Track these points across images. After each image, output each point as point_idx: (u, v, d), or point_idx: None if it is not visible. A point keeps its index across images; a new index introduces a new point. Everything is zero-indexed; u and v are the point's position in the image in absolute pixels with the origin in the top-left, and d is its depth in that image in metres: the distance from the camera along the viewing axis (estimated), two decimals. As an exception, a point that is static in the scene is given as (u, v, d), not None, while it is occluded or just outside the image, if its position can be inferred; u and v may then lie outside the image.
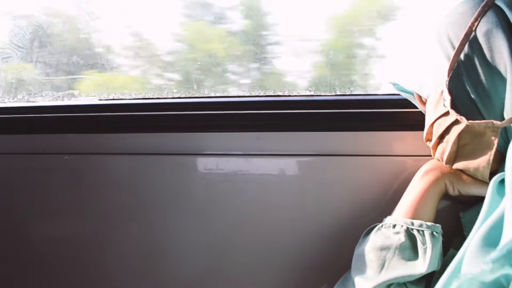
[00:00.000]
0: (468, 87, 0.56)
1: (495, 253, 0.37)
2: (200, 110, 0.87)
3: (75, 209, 0.93)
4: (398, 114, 0.79)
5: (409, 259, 0.60)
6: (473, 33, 0.55)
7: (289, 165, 0.84)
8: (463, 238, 0.57)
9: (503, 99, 0.53)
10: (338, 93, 0.89)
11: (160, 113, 0.88)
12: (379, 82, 0.95)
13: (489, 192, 0.49)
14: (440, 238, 0.61)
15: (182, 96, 0.96)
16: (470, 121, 0.55)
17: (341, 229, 0.82)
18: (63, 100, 1.00)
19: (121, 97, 0.98)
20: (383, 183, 0.79)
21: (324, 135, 0.82)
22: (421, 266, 0.59)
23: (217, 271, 0.90)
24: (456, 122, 0.57)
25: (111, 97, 0.98)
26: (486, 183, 0.56)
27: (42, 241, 0.96)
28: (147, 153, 0.88)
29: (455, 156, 0.61)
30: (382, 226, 0.65)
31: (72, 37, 1.01)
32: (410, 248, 0.61)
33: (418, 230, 0.61)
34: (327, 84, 0.93)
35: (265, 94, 0.92)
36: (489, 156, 0.56)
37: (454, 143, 0.58)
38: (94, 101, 0.96)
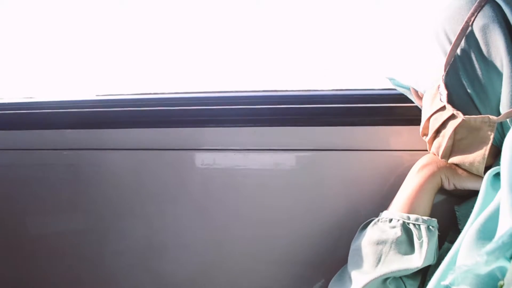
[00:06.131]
0: (464, 82, 0.56)
1: (490, 246, 0.38)
2: (197, 105, 0.87)
3: (73, 205, 0.93)
4: (395, 109, 0.79)
5: (405, 253, 0.61)
6: (469, 28, 0.55)
7: (286, 160, 0.84)
8: (458, 231, 0.57)
9: (499, 94, 0.54)
10: (335, 88, 0.89)
11: (157, 108, 0.88)
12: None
13: (484, 185, 0.50)
14: (436, 232, 0.61)
15: (179, 91, 0.96)
16: (466, 116, 0.55)
17: (337, 224, 0.82)
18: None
19: (118, 92, 0.98)
20: (379, 178, 0.80)
21: (320, 130, 0.82)
22: (417, 260, 0.59)
23: (214, 265, 0.90)
24: (452, 116, 0.57)
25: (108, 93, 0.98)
26: (481, 178, 0.56)
27: (40, 236, 0.96)
28: (144, 149, 0.88)
29: (451, 151, 0.61)
30: (378, 220, 0.66)
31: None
32: (406, 242, 0.61)
33: (414, 224, 0.61)
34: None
35: (262, 89, 0.92)
36: (484, 150, 0.56)
37: (450, 137, 0.59)
38: (92, 96, 0.96)
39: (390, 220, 0.64)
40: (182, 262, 0.92)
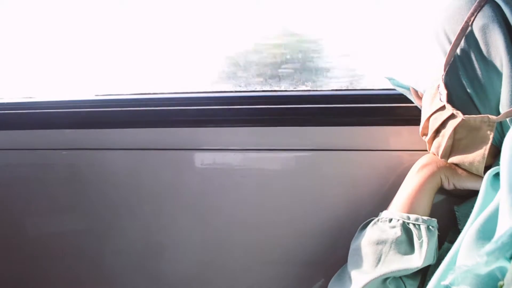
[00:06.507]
0: (464, 82, 0.56)
1: (489, 246, 0.38)
2: (196, 105, 0.87)
3: (72, 205, 0.93)
4: (395, 109, 0.79)
5: (405, 253, 0.60)
6: (469, 28, 0.55)
7: (286, 160, 0.84)
8: (458, 231, 0.57)
9: (499, 93, 0.54)
10: (335, 88, 0.89)
11: (157, 108, 0.88)
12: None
13: (483, 185, 0.50)
14: (436, 232, 0.61)
15: (179, 91, 0.96)
16: (466, 116, 0.55)
17: (337, 223, 0.82)
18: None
19: (117, 92, 0.98)
20: (379, 178, 0.80)
21: (320, 130, 0.82)
22: (417, 260, 0.59)
23: (213, 266, 0.90)
24: (452, 116, 0.57)
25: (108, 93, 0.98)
26: (481, 177, 0.56)
27: (39, 236, 0.96)
28: (144, 148, 0.88)
29: (450, 150, 0.61)
30: (378, 220, 0.65)
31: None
32: (406, 242, 0.61)
33: (414, 224, 0.61)
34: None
35: (261, 89, 0.92)
36: (484, 150, 0.56)
37: (449, 137, 0.59)
38: (91, 96, 0.96)
39: (390, 220, 0.64)
40: (181, 261, 0.92)
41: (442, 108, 0.58)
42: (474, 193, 0.53)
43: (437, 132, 0.61)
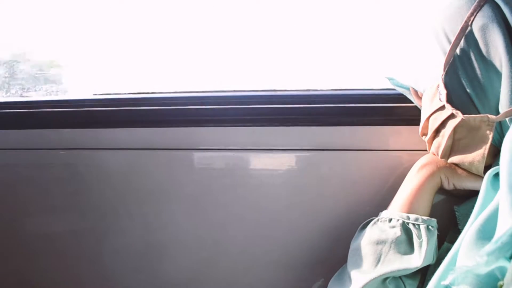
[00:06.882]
0: (463, 81, 0.56)
1: (489, 246, 0.38)
2: (195, 105, 0.87)
3: (70, 204, 0.93)
4: (394, 109, 0.79)
5: (405, 253, 0.61)
6: (469, 28, 0.55)
7: (285, 160, 0.84)
8: (458, 231, 0.57)
9: (498, 93, 0.54)
10: (334, 87, 0.89)
11: (155, 107, 0.88)
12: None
13: (484, 185, 0.50)
14: (436, 232, 0.61)
15: (177, 90, 0.95)
16: (465, 115, 0.55)
17: (337, 223, 0.82)
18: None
19: (115, 91, 0.98)
20: (379, 178, 0.80)
21: (320, 130, 0.82)
22: (416, 260, 0.59)
23: (213, 265, 0.90)
24: (451, 116, 0.57)
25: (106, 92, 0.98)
26: (481, 177, 0.56)
27: (37, 236, 0.95)
28: (142, 148, 0.88)
29: (450, 150, 0.61)
30: (378, 220, 0.66)
31: None
32: (406, 242, 0.61)
33: (413, 224, 0.61)
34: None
35: (261, 89, 0.92)
36: (484, 150, 0.56)
37: (449, 137, 0.59)
38: (89, 95, 0.96)
39: (390, 220, 0.64)
40: (180, 261, 0.92)
41: (442, 108, 0.58)
42: (474, 193, 0.53)
43: (437, 132, 0.61)
